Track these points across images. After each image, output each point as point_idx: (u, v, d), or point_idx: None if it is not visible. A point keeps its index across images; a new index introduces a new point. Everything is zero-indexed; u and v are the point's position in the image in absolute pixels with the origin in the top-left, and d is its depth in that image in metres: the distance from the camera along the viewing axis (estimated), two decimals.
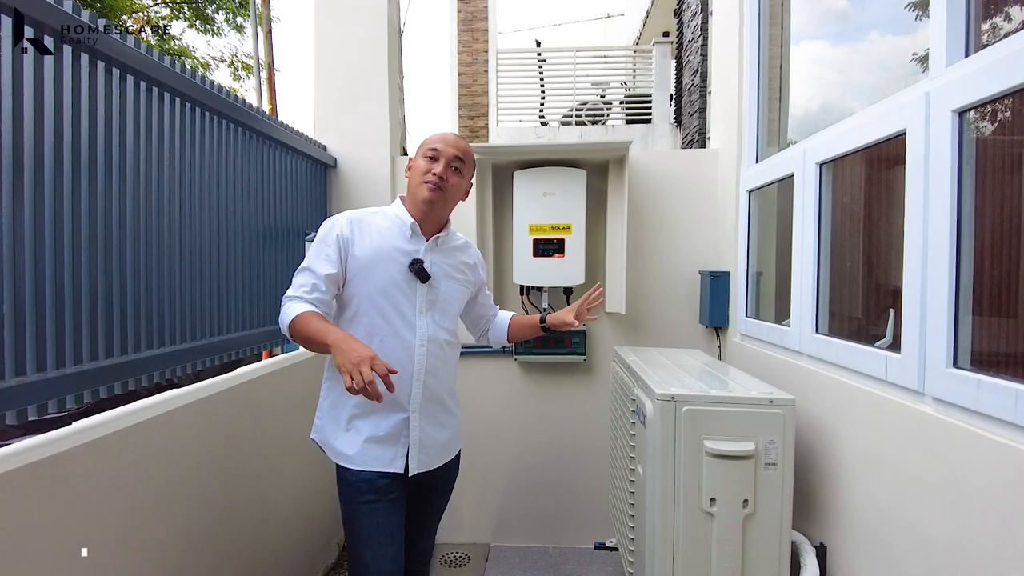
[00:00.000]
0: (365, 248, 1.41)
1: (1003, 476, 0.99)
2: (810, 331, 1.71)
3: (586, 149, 2.47)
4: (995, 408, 1.02)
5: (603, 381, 2.61)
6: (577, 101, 6.68)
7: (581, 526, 2.64)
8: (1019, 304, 1.16)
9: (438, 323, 1.48)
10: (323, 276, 1.37)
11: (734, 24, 2.40)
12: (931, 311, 1.19)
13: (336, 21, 2.62)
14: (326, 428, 1.46)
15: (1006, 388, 1.00)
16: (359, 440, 1.40)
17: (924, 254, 1.21)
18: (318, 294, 1.37)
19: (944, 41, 1.18)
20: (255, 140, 2.01)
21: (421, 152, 1.47)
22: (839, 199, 1.68)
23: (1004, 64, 1.02)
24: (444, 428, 1.52)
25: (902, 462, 1.26)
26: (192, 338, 1.67)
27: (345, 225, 1.43)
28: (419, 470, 1.44)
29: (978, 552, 1.04)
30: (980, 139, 1.16)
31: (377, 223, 1.47)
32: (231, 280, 1.87)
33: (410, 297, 1.43)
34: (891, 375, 1.32)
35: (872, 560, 1.38)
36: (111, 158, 1.34)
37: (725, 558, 1.48)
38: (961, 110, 1.14)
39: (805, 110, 2.14)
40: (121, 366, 1.38)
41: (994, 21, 1.21)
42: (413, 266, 1.42)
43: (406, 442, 1.43)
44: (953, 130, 1.15)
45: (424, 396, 1.45)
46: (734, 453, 1.44)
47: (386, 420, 1.41)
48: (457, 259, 1.56)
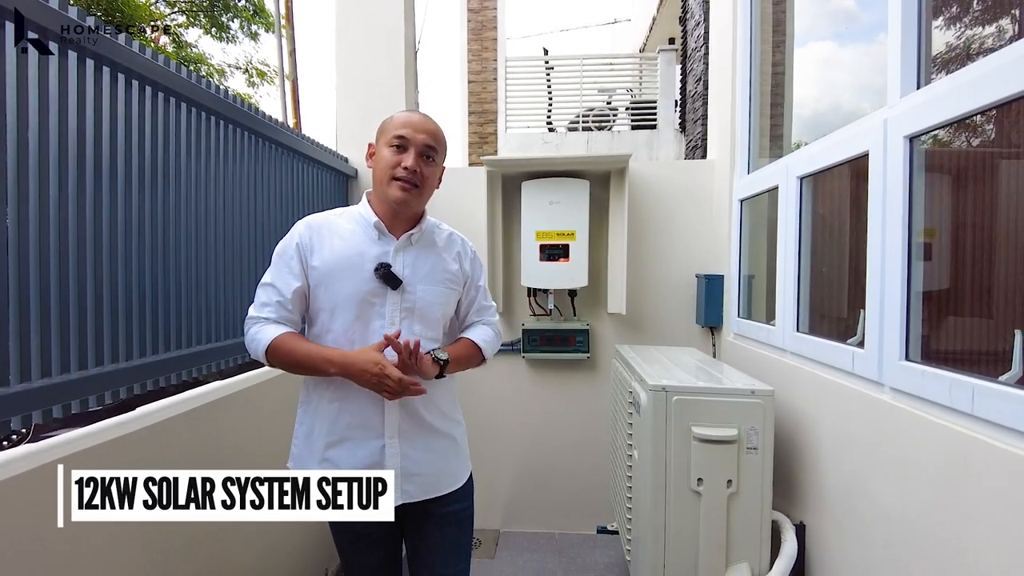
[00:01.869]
0: (324, 256, 1.24)
1: (941, 453, 1.15)
2: (792, 330, 1.88)
3: (589, 161, 2.66)
4: (935, 394, 1.19)
5: (605, 377, 2.78)
6: (584, 107, 6.85)
7: (584, 513, 2.81)
8: (961, 305, 1.33)
9: (417, 334, 1.27)
10: (288, 293, 1.24)
11: (728, 40, 2.57)
12: (887, 310, 1.36)
13: (356, 41, 2.82)
14: (303, 458, 1.29)
15: (943, 377, 1.17)
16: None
17: (883, 261, 1.38)
18: (285, 313, 1.25)
19: (899, 74, 1.35)
20: (287, 155, 2.21)
21: (385, 139, 1.27)
22: (817, 210, 1.85)
23: (947, 97, 1.18)
24: (434, 453, 1.31)
25: (865, 445, 1.43)
26: (230, 336, 1.86)
27: (304, 232, 1.27)
28: (403, 501, 1.26)
29: (925, 521, 1.21)
30: (929, 160, 1.33)
31: (340, 226, 1.29)
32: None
33: (379, 308, 1.25)
34: (857, 368, 1.49)
35: (842, 534, 1.54)
36: (168, 173, 1.52)
37: (711, 532, 1.65)
38: (911, 136, 1.31)
39: (813, 111, 2.23)
40: (168, 361, 1.49)
41: (954, 44, 1.37)
42: (378, 271, 1.23)
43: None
44: (905, 153, 1.32)
45: (404, 419, 1.27)
46: (718, 438, 1.62)
47: (361, 448, 1.24)
48: (437, 256, 1.34)
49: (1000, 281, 1.26)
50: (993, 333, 1.26)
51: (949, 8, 1.42)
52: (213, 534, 1.57)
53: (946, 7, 1.42)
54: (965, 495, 1.09)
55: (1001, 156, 1.27)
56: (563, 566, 2.51)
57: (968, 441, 1.08)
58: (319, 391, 1.27)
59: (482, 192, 2.69)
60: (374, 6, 2.79)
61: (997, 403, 1.04)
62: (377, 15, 2.79)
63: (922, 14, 1.33)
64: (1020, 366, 1.09)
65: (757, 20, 2.44)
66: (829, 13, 2.15)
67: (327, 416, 1.25)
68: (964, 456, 1.09)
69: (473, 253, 1.44)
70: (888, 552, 1.33)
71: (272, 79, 12.22)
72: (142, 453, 1.31)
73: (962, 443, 1.10)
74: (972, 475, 1.07)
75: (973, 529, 1.06)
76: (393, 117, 1.29)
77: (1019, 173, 1.24)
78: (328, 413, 1.25)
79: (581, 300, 2.80)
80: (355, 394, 1.23)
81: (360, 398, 1.23)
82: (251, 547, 1.79)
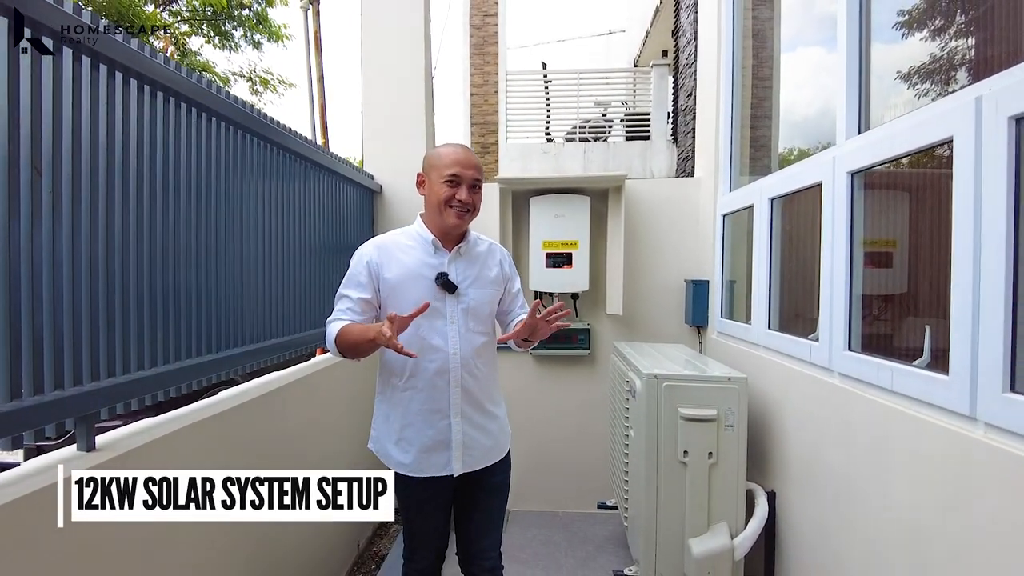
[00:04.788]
0: (393, 270, 1.50)
1: (871, 422, 1.48)
2: (765, 328, 2.21)
3: (589, 180, 3.00)
4: (868, 376, 1.52)
5: (604, 371, 3.11)
6: (580, 119, 7.20)
7: (586, 493, 3.13)
8: (893, 305, 1.66)
9: (472, 329, 1.54)
10: (356, 300, 1.50)
11: (712, 64, 2.90)
12: (835, 310, 1.69)
13: (380, 69, 3.14)
14: (382, 439, 1.58)
15: (872, 362, 1.50)
16: (413, 450, 1.51)
17: (831, 266, 1.71)
18: (354, 316, 1.49)
19: (845, 121, 1.69)
20: (325, 175, 2.51)
21: (437, 175, 1.51)
22: (784, 227, 2.18)
23: (880, 143, 1.51)
24: (486, 432, 1.58)
25: (819, 420, 1.76)
26: (278, 335, 2.16)
27: (373, 252, 1.53)
28: (464, 470, 1.54)
29: (861, 477, 1.53)
30: (867, 193, 1.66)
31: (402, 243, 1.56)
32: (312, 287, 2.37)
33: (441, 309, 1.51)
34: (813, 357, 1.82)
35: (803, 496, 1.87)
36: (220, 191, 1.70)
37: (696, 497, 1.97)
38: (853, 172, 1.64)
39: (804, 117, 2.36)
40: (206, 364, 1.62)
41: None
42: (439, 279, 1.50)
43: (452, 446, 1.53)
44: (848, 185, 1.65)
45: (464, 401, 1.53)
46: (701, 417, 1.94)
47: (432, 428, 1.51)
48: (483, 263, 1.61)
49: (923, 286, 1.59)
50: (916, 329, 1.58)
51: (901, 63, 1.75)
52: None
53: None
54: (888, 453, 1.41)
55: (924, 188, 1.60)
56: (567, 538, 2.83)
57: (889, 411, 1.41)
58: (392, 382, 1.55)
59: (495, 206, 3.02)
60: (397, 39, 3.11)
61: (909, 381, 1.37)
62: (399, 48, 3.11)
63: (862, 73, 1.66)
64: (929, 353, 1.42)
65: (739, 44, 2.77)
66: (816, 20, 2.23)
67: (401, 402, 1.53)
68: (886, 423, 1.42)
69: (509, 258, 1.72)
70: (836, 507, 1.65)
71: (275, 87, 12.51)
72: (214, 438, 1.58)
73: (885, 413, 1.43)
74: (892, 437, 1.40)
75: (893, 477, 1.39)
76: (441, 154, 1.52)
77: (933, 201, 1.57)
78: (401, 400, 1.53)
79: (583, 302, 3.13)
80: (424, 383, 1.50)
81: (427, 387, 1.50)
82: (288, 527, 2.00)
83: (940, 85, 1.56)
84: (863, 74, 1.66)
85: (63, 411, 1.10)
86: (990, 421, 1.11)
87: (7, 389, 0.99)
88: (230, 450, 1.64)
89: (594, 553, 2.69)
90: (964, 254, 1.18)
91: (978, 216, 1.14)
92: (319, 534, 2.22)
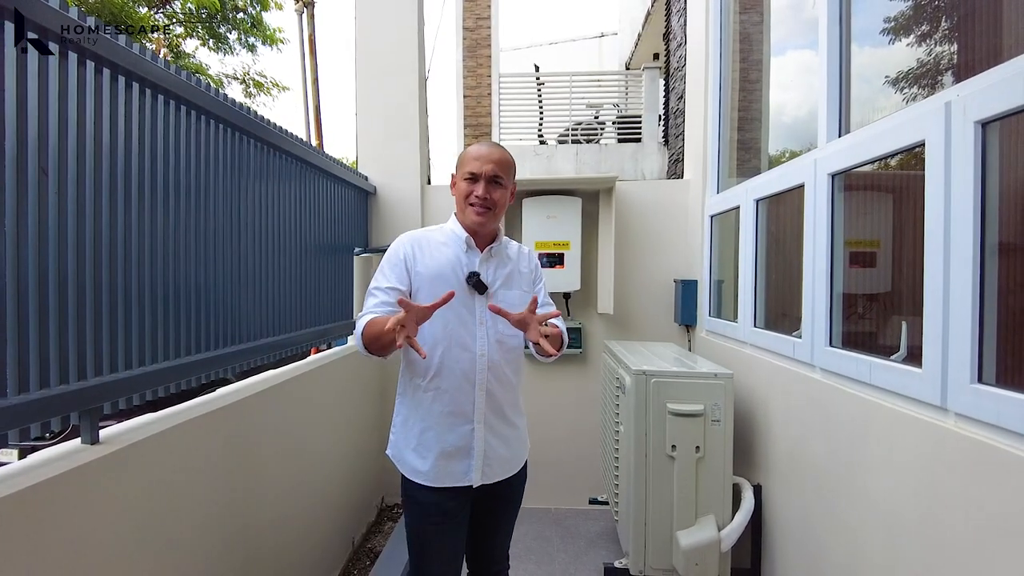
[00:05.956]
0: (427, 264, 1.47)
1: (851, 415, 1.54)
2: (750, 326, 2.27)
3: (581, 182, 3.05)
4: (848, 370, 1.58)
5: (595, 370, 3.16)
6: (573, 121, 7.27)
7: (578, 490, 3.17)
8: (874, 302, 1.72)
9: (501, 331, 1.49)
10: (386, 289, 1.44)
11: (700, 70, 2.97)
12: (816, 307, 1.75)
13: (374, 71, 3.18)
14: (399, 444, 1.51)
15: (851, 356, 1.56)
16: (431, 456, 1.44)
17: (813, 268, 1.77)
18: (386, 307, 1.42)
19: (826, 125, 1.75)
20: (320, 176, 2.55)
21: (461, 173, 1.49)
22: (770, 227, 2.24)
23: (858, 146, 1.57)
24: (506, 443, 1.52)
25: (803, 415, 1.81)
26: (273, 334, 2.19)
27: (408, 245, 1.50)
28: (483, 482, 1.47)
29: (841, 468, 1.59)
30: (852, 194, 1.72)
31: (436, 239, 1.53)
32: (307, 286, 2.41)
33: (470, 308, 1.47)
34: (797, 354, 1.87)
35: (788, 489, 1.92)
36: (217, 191, 1.76)
37: (684, 489, 2.02)
38: (834, 174, 1.70)
39: (794, 118, 2.38)
40: (206, 361, 1.67)
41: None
42: (470, 279, 1.46)
43: (474, 454, 1.46)
44: (828, 186, 1.71)
45: (488, 406, 1.47)
46: (688, 412, 1.99)
47: (453, 432, 1.44)
48: (513, 266, 1.58)
49: (906, 285, 1.65)
50: (898, 326, 1.64)
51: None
52: (253, 495, 1.91)
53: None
54: (867, 445, 1.47)
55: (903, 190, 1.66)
56: (560, 534, 2.88)
57: (868, 404, 1.47)
58: (414, 382, 1.47)
59: None
60: (391, 42, 3.16)
61: (886, 375, 1.42)
62: (393, 51, 3.15)
63: (842, 80, 1.72)
64: (906, 348, 1.47)
65: (728, 48, 2.83)
66: (804, 24, 2.19)
67: (422, 404, 1.45)
68: (865, 416, 1.48)
69: (537, 264, 1.67)
70: (820, 499, 1.71)
71: (268, 90, 12.51)
72: (230, 426, 1.65)
73: (865, 406, 1.48)
74: (871, 429, 1.45)
75: (872, 468, 1.45)
76: (468, 151, 1.50)
77: (915, 202, 1.62)
78: (423, 401, 1.45)
79: (574, 302, 3.18)
80: (447, 383, 1.43)
81: (452, 388, 1.43)
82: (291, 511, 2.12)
83: (919, 89, 1.62)
84: (843, 79, 1.72)
85: (68, 404, 1.14)
86: (960, 411, 1.17)
87: (15, 383, 1.03)
88: (230, 446, 1.67)
89: (586, 548, 2.74)
90: (935, 252, 1.24)
91: (948, 216, 1.20)
92: (314, 530, 2.25)
